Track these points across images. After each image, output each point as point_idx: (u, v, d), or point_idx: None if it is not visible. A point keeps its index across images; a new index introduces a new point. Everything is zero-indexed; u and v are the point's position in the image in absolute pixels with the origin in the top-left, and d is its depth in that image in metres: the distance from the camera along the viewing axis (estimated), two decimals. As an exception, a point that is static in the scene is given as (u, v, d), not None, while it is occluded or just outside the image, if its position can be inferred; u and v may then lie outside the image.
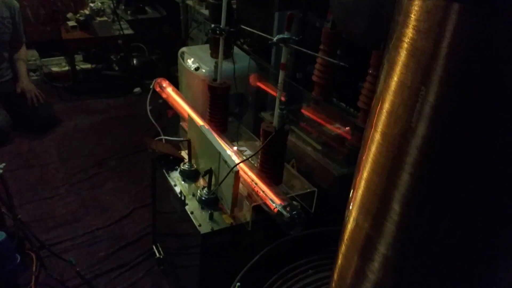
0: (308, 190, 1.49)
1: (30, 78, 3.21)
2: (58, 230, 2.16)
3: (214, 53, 2.29)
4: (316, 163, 1.64)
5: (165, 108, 2.69)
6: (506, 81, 0.53)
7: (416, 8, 0.60)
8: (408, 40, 0.62)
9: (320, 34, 1.69)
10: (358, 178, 0.81)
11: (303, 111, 1.86)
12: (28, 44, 3.34)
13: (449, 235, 0.66)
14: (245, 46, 2.56)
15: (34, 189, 2.43)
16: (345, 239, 0.88)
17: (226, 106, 1.75)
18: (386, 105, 0.69)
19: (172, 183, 1.62)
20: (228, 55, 2.16)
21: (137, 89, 3.53)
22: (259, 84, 2.20)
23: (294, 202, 1.51)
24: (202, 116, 1.73)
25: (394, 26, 0.67)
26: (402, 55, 0.64)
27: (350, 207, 0.85)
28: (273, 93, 1.74)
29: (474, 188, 0.61)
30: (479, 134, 0.58)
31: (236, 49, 2.38)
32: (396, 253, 0.74)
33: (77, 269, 1.79)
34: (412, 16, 0.61)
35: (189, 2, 3.31)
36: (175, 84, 2.12)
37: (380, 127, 0.71)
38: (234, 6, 2.71)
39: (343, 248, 0.89)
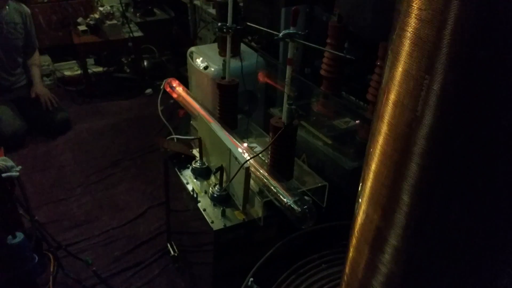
0: (319, 185, 1.49)
1: (44, 83, 3.27)
2: (74, 230, 2.19)
3: (222, 52, 2.30)
4: (327, 158, 1.64)
5: (176, 107, 2.71)
6: (509, 66, 0.53)
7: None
8: (411, 29, 0.62)
9: (327, 28, 1.69)
10: (366, 170, 0.81)
11: (312, 105, 1.86)
12: (41, 49, 3.40)
13: (459, 224, 0.65)
14: (253, 43, 2.57)
15: (50, 191, 2.47)
16: (355, 232, 0.88)
17: (236, 104, 1.76)
18: (392, 96, 0.69)
19: (185, 181, 1.63)
20: (236, 52, 2.18)
21: (148, 90, 3.56)
22: (267, 80, 2.20)
23: (306, 197, 1.52)
24: (212, 114, 1.74)
25: (397, 16, 0.67)
26: (406, 44, 0.64)
27: (360, 200, 0.85)
28: (282, 89, 1.74)
29: (482, 176, 0.60)
30: (485, 121, 0.57)
31: (244, 47, 2.39)
32: (406, 244, 0.73)
33: (94, 268, 1.82)
34: (414, 5, 0.61)
35: (197, 2, 3.32)
36: (185, 83, 2.14)
37: (386, 118, 0.71)
38: (241, 4, 2.72)
39: (353, 241, 0.89)
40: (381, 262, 0.79)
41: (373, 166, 0.77)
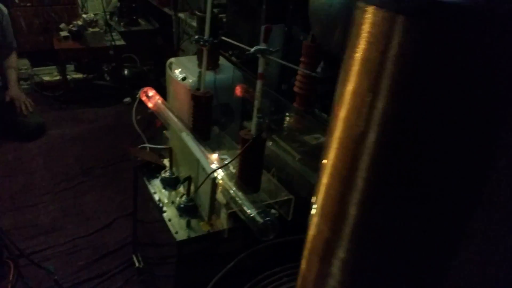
0: (285, 198, 1.50)
1: (20, 87, 3.23)
2: (39, 238, 2.14)
3: (201, 64, 2.31)
4: (296, 172, 1.65)
5: (154, 117, 2.70)
6: (447, 91, 0.55)
7: (366, 20, 0.63)
8: (360, 50, 0.65)
9: (304, 47, 1.73)
10: (318, 184, 0.82)
11: (285, 121, 1.88)
12: (21, 53, 3.37)
13: (401, 235, 0.67)
14: (233, 58, 2.59)
15: (17, 197, 2.42)
16: (307, 244, 0.89)
17: (209, 115, 1.76)
18: (341, 112, 0.71)
19: (152, 191, 1.62)
20: (215, 66, 2.20)
21: (127, 99, 3.55)
22: (244, 94, 2.22)
23: (273, 210, 1.52)
24: (185, 124, 1.74)
25: (349, 38, 0.69)
26: (354, 64, 0.66)
27: (312, 212, 0.86)
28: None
29: (421, 189, 0.62)
30: (423, 139, 0.59)
31: (223, 60, 2.41)
32: (352, 256, 0.75)
33: (56, 277, 1.78)
34: (363, 27, 0.64)
35: (181, 15, 3.35)
36: (166, 94, 2.15)
37: (336, 133, 0.73)
38: (225, 20, 2.76)
39: (305, 253, 0.90)
40: (329, 274, 0.80)
41: (324, 180, 0.79)
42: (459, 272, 0.68)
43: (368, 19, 0.62)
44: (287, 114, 1.89)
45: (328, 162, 0.77)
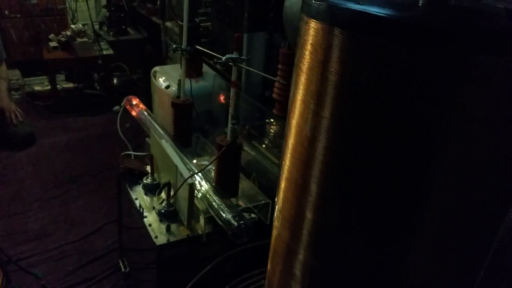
0: (263, 202, 1.54)
1: (10, 96, 3.27)
2: (28, 245, 2.18)
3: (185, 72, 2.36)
4: (275, 177, 1.69)
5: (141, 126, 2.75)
6: (384, 98, 0.59)
7: (308, 31, 0.67)
8: (304, 59, 0.69)
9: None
10: (278, 189, 0.86)
11: (265, 127, 1.93)
12: (11, 64, 3.41)
13: (356, 237, 0.70)
14: (217, 66, 2.64)
15: (7, 204, 2.45)
16: (271, 247, 0.92)
17: (190, 122, 1.81)
18: (293, 121, 0.75)
19: (134, 197, 1.66)
20: (198, 74, 2.25)
21: (116, 108, 3.59)
22: (227, 101, 2.26)
23: (252, 214, 1.56)
24: (167, 132, 1.78)
25: (297, 48, 0.73)
26: (300, 73, 0.70)
27: (274, 217, 0.90)
28: (239, 109, 1.80)
29: (371, 189, 0.65)
30: (366, 142, 0.63)
31: (206, 68, 2.46)
32: (311, 258, 0.78)
33: (43, 282, 1.81)
34: (306, 38, 0.68)
35: (168, 24, 3.40)
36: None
37: (290, 140, 0.77)
38: (210, 28, 2.81)
39: (270, 256, 0.94)
40: (291, 276, 0.83)
41: (282, 184, 0.83)
42: (411, 268, 0.72)
43: (309, 31, 0.66)
44: (267, 120, 1.94)
45: (284, 167, 0.81)
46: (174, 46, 1.69)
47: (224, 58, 1.31)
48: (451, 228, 0.67)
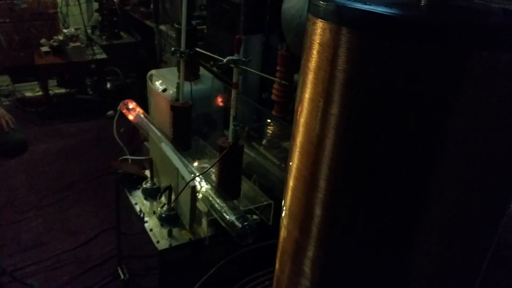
0: (265, 203, 1.53)
1: (1, 103, 3.22)
2: (23, 254, 2.13)
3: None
4: (276, 178, 1.68)
5: (137, 130, 2.71)
6: (391, 94, 0.59)
7: (315, 31, 0.67)
8: (312, 60, 0.69)
9: (282, 56, 1.76)
10: (286, 187, 0.85)
11: (265, 128, 1.91)
12: (1, 69, 3.36)
13: (365, 233, 0.70)
14: (214, 69, 2.63)
15: (1, 213, 2.40)
16: (279, 247, 0.92)
17: (189, 125, 1.79)
18: (301, 119, 0.74)
19: (133, 202, 1.63)
20: (195, 76, 2.23)
21: (110, 112, 3.55)
22: (225, 104, 2.25)
23: (254, 216, 1.54)
24: (166, 135, 1.76)
25: (303, 48, 0.73)
26: (308, 72, 0.70)
27: (282, 215, 0.89)
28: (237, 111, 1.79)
29: (380, 186, 0.65)
30: (375, 139, 0.63)
31: (203, 71, 2.44)
32: (320, 254, 0.77)
33: (39, 292, 1.77)
34: (313, 38, 0.68)
35: (162, 28, 3.38)
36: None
37: (298, 138, 0.77)
38: (205, 31, 2.80)
39: (278, 255, 0.93)
40: (301, 274, 0.83)
41: (290, 183, 0.82)
42: (416, 263, 0.71)
43: (317, 31, 0.67)
44: (267, 122, 1.92)
45: (292, 165, 0.80)
46: (173, 49, 1.67)
47: (225, 60, 1.30)
48: (454, 226, 0.68)
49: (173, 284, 1.53)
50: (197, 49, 1.62)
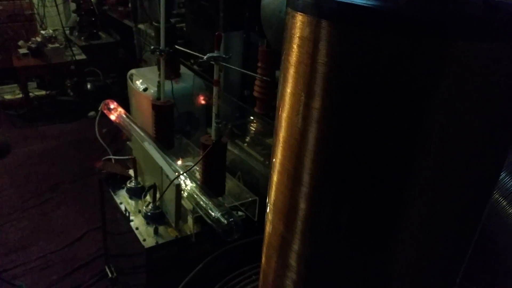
0: (250, 199, 1.55)
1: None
2: (10, 256, 2.13)
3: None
4: (260, 174, 1.71)
5: (120, 130, 2.71)
6: (371, 87, 0.60)
7: (295, 25, 0.68)
8: (292, 53, 0.70)
9: (263, 53, 1.78)
10: (270, 182, 0.87)
11: (247, 125, 1.94)
12: (-21, 73, 3.31)
13: (348, 226, 0.71)
14: (195, 67, 2.64)
15: (-16, 217, 2.38)
16: (265, 241, 0.93)
17: (171, 124, 1.80)
18: (284, 114, 0.75)
19: (118, 201, 1.64)
20: (176, 75, 2.24)
21: (91, 113, 3.53)
22: (207, 102, 2.27)
23: (239, 212, 1.57)
24: (148, 134, 1.77)
25: (283, 42, 0.74)
26: (289, 66, 0.71)
27: (267, 210, 0.91)
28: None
29: (362, 180, 0.66)
30: (358, 133, 0.64)
31: (184, 69, 2.45)
32: (305, 247, 0.79)
33: (27, 294, 1.77)
34: (293, 32, 0.69)
35: (141, 26, 3.37)
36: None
37: (281, 133, 0.77)
38: (185, 29, 2.80)
39: (264, 249, 0.94)
40: (287, 267, 0.84)
41: (274, 178, 0.83)
42: (399, 255, 0.74)
43: (297, 25, 0.67)
44: (249, 119, 1.95)
45: (276, 160, 0.82)
46: (152, 47, 1.68)
47: (205, 57, 1.31)
48: (436, 218, 0.69)
49: (160, 281, 1.55)
50: (177, 46, 1.63)
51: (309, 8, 0.63)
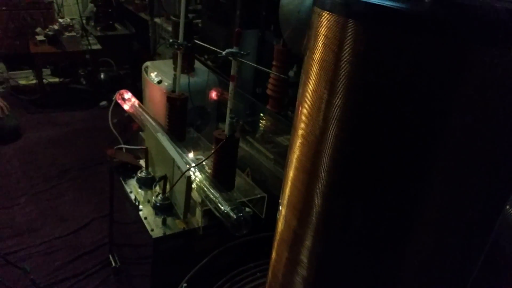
0: (259, 196, 1.56)
1: (-5, 90, 3.21)
2: (16, 239, 2.15)
3: (176, 67, 2.36)
4: (269, 172, 1.72)
5: (130, 120, 2.73)
6: (394, 87, 0.61)
7: (321, 24, 0.69)
8: (317, 52, 0.71)
9: (278, 51, 1.79)
10: (285, 178, 0.87)
11: (259, 123, 1.95)
12: (-5, 57, 3.35)
13: (362, 224, 0.72)
14: (208, 62, 2.65)
15: (-7, 199, 2.41)
16: (277, 237, 0.94)
17: (184, 117, 1.81)
18: (304, 110, 0.76)
19: (128, 190, 1.66)
20: (190, 69, 2.25)
21: (103, 103, 3.56)
22: (219, 97, 2.28)
23: (247, 208, 1.58)
24: (161, 126, 1.79)
25: (308, 40, 0.75)
26: (313, 65, 0.72)
27: (280, 207, 0.92)
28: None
29: (378, 178, 0.67)
30: (378, 132, 0.64)
31: (198, 64, 2.47)
32: (318, 243, 0.80)
33: (32, 276, 1.79)
34: (319, 31, 0.70)
35: (157, 20, 3.39)
36: (142, 97, 2.18)
37: (300, 130, 0.78)
38: (200, 25, 2.81)
39: (275, 245, 0.95)
40: (298, 262, 0.85)
41: (291, 174, 0.84)
42: (410, 255, 0.74)
43: (323, 23, 0.68)
44: (261, 116, 1.96)
45: (293, 156, 0.83)
46: (171, 40, 1.69)
47: (224, 52, 1.32)
48: (450, 222, 0.70)
49: (165, 272, 1.56)
50: (196, 41, 1.64)
51: (337, 7, 0.65)
